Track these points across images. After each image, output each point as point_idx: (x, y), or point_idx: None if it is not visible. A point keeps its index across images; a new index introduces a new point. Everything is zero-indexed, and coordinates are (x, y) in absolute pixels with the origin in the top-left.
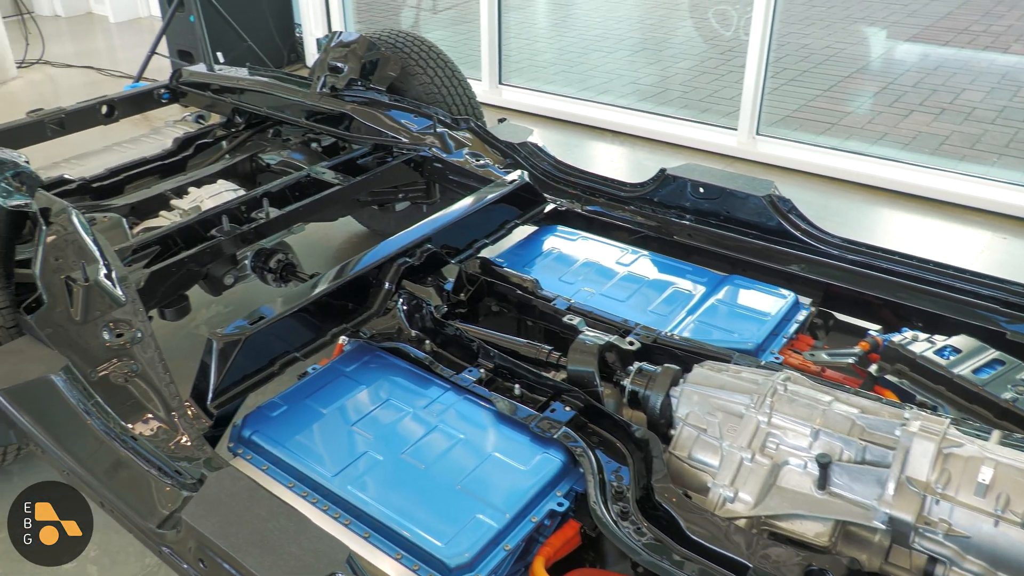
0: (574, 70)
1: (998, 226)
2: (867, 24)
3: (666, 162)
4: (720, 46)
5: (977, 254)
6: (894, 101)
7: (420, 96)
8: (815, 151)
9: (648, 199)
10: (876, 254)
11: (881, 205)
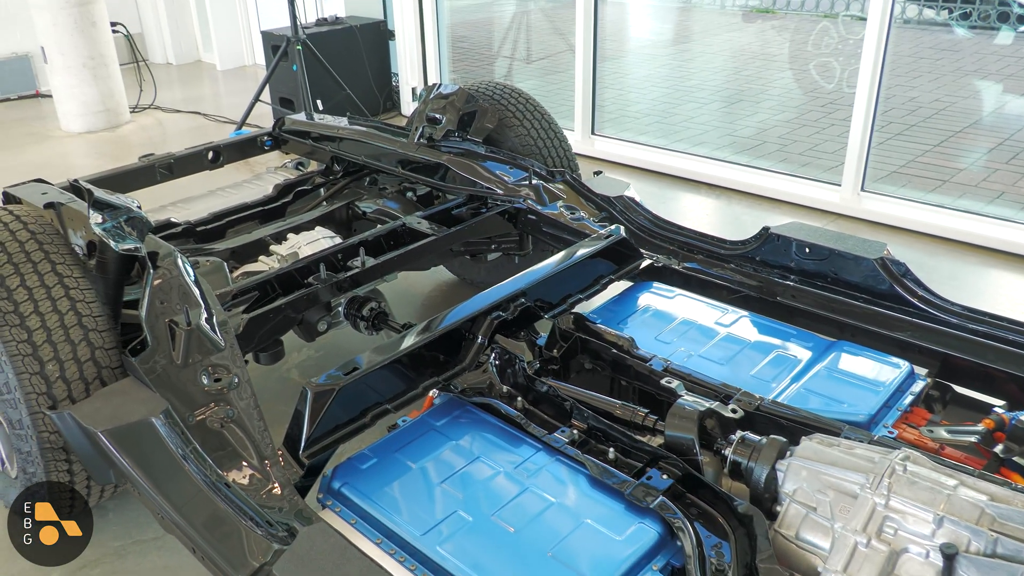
0: (668, 121)
1: None
2: (979, 77)
3: (764, 217)
4: (821, 99)
5: None
6: (1011, 158)
7: (516, 148)
8: (925, 209)
9: (750, 258)
10: (1000, 324)
11: (998, 268)
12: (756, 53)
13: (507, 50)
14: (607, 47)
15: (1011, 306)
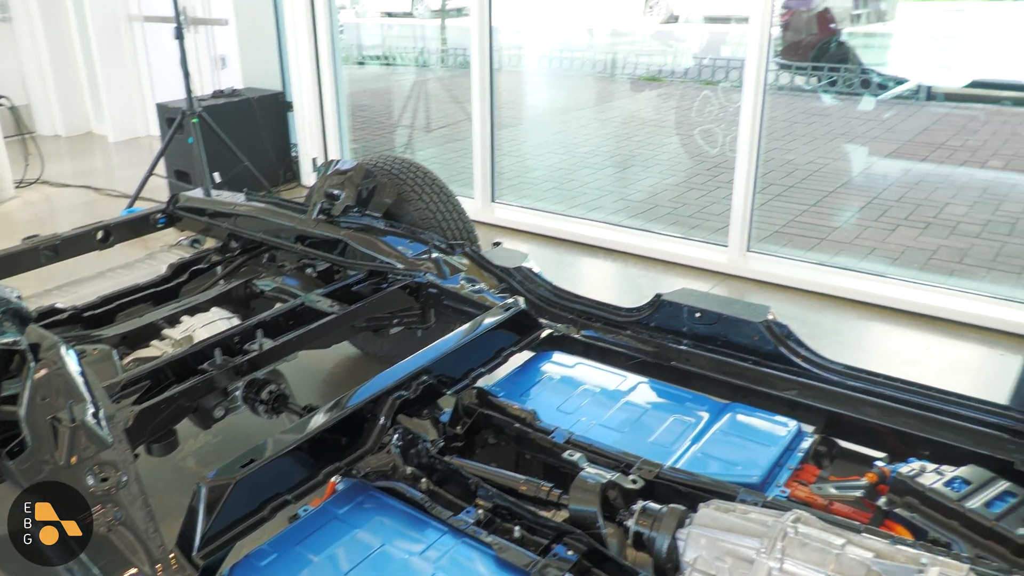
0: (565, 187)
1: (993, 342)
2: (847, 140)
3: (658, 279)
4: (707, 163)
5: (976, 371)
6: (880, 216)
7: (416, 222)
8: (806, 267)
9: (644, 324)
10: (878, 380)
11: (875, 321)
12: (645, 120)
13: (407, 119)
14: (505, 115)
15: (888, 356)
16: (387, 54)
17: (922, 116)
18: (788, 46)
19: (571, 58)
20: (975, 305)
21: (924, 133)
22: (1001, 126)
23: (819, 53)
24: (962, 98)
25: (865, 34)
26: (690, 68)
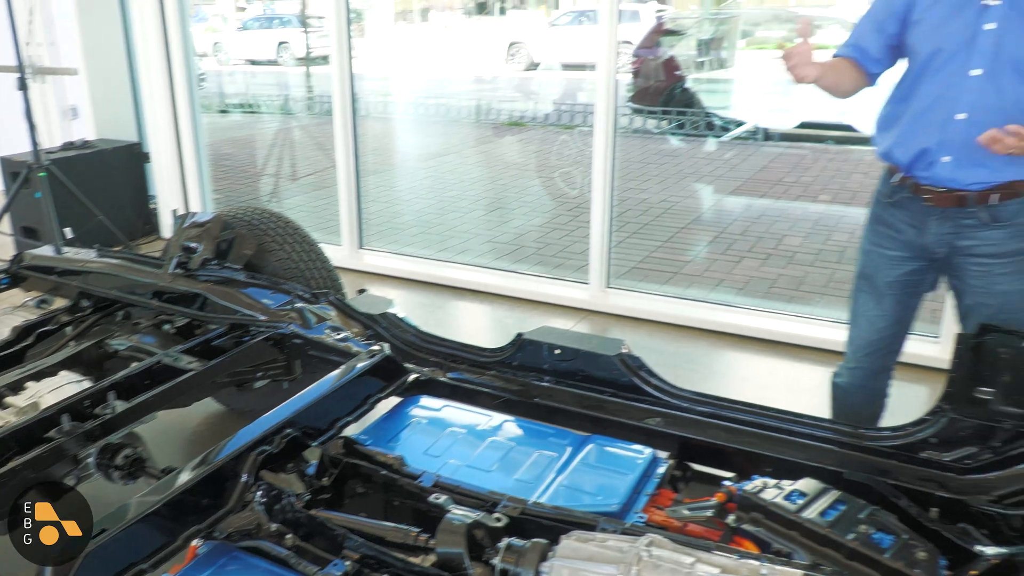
0: (433, 231)
1: (829, 362)
2: (695, 179)
3: (524, 318)
4: (568, 204)
5: (815, 389)
6: (726, 249)
7: (278, 272)
8: (661, 300)
9: (508, 363)
10: (724, 404)
11: (726, 348)
12: (510, 164)
13: (272, 167)
14: (373, 161)
15: (739, 381)
16: (251, 102)
17: (760, 155)
18: (639, 92)
19: (437, 105)
20: (812, 328)
21: (762, 171)
22: (828, 163)
23: (667, 98)
24: (794, 138)
25: (708, 80)
26: (550, 113)
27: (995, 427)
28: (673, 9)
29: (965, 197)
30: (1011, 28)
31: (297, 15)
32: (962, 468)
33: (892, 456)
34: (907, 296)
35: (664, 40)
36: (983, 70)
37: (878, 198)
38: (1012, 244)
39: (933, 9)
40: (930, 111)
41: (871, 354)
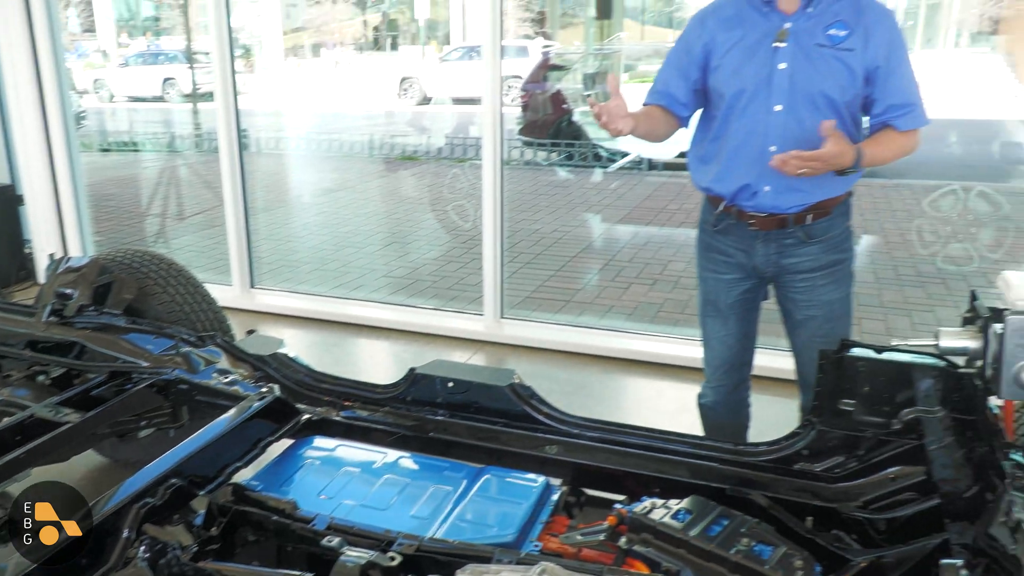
0: (327, 268)
1: None
2: (585, 209)
3: (422, 352)
4: (462, 236)
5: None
6: (615, 276)
7: (161, 316)
8: (555, 328)
9: (402, 399)
10: (612, 428)
11: (617, 373)
12: (403, 197)
13: (158, 207)
14: (263, 198)
15: (629, 404)
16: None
17: (644, 185)
18: (528, 125)
19: (331, 140)
20: (696, 350)
21: (647, 199)
22: None
23: (555, 131)
24: (675, 167)
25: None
26: (442, 147)
27: (859, 436)
28: (559, 45)
29: (785, 219)
30: (800, 66)
31: (183, 51)
32: (832, 477)
33: (769, 470)
34: (748, 312)
35: (551, 75)
36: (783, 106)
37: (704, 227)
38: (827, 257)
39: (730, 54)
40: (745, 146)
41: (728, 371)
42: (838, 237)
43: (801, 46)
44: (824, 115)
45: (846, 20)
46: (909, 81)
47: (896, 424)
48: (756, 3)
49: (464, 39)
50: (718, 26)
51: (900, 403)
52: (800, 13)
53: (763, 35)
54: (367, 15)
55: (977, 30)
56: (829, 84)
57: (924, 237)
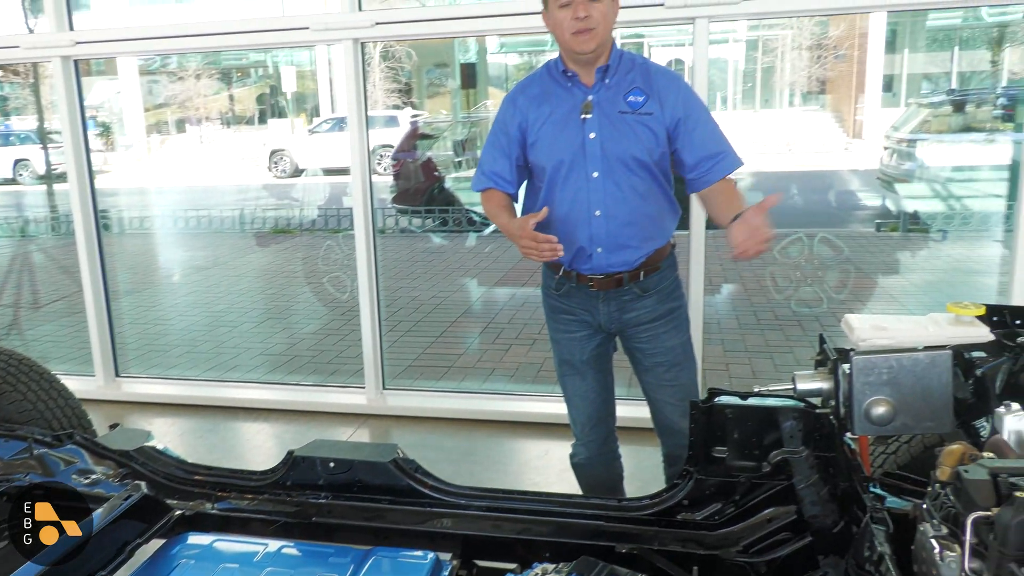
0: (200, 350)
1: None
2: (462, 274)
3: (304, 432)
4: (340, 308)
5: None
6: (495, 338)
7: (12, 417)
8: (438, 396)
9: (282, 484)
10: (500, 496)
11: (502, 436)
12: (278, 271)
13: (9, 297)
14: (128, 280)
15: (517, 467)
16: None
17: (516, 247)
18: (401, 193)
19: (199, 217)
20: None
21: (521, 261)
22: None
23: (428, 198)
24: None
25: (466, 179)
26: (315, 219)
27: (734, 482)
28: (427, 113)
29: (621, 278)
30: (608, 134)
31: (35, 131)
32: (712, 524)
33: (653, 523)
34: (603, 365)
35: (421, 143)
36: (599, 172)
37: (548, 292)
38: (663, 307)
39: (544, 129)
40: (572, 213)
41: (595, 426)
42: (670, 287)
43: (606, 115)
44: (638, 176)
45: (640, 87)
46: (713, 131)
47: (766, 467)
48: (559, 80)
49: (333, 111)
50: (528, 104)
51: (768, 446)
52: (599, 85)
53: (570, 108)
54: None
55: (807, 90)
56: (637, 147)
57: (778, 282)
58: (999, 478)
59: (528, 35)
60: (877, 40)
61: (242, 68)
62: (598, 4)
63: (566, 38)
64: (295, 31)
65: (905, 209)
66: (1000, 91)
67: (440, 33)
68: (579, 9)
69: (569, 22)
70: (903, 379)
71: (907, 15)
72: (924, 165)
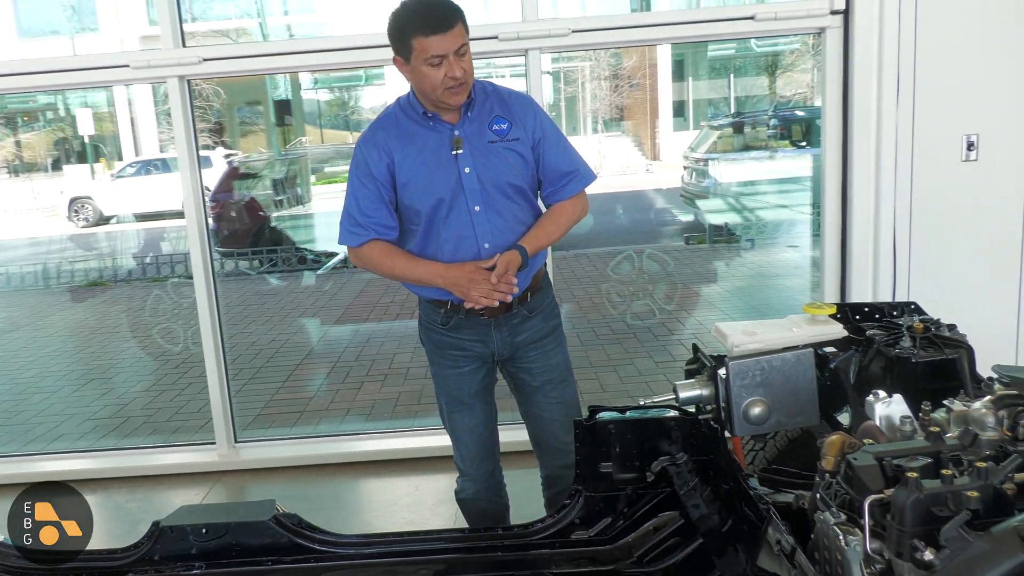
0: (12, 423)
1: None
2: (300, 314)
3: (152, 499)
4: (173, 361)
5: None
6: (345, 377)
7: None
8: (294, 444)
9: (148, 559)
10: (388, 540)
11: (367, 477)
12: (96, 327)
13: None
14: None
15: (387, 506)
16: None
17: (356, 282)
18: (226, 236)
19: None
20: (441, 438)
21: (360, 296)
22: None
23: (256, 239)
24: None
25: (291, 217)
26: (134, 268)
27: (619, 495)
28: (241, 152)
29: (510, 304)
30: (482, 164)
31: None
32: (605, 540)
33: (547, 545)
34: (489, 397)
35: (240, 183)
36: (480, 205)
37: (432, 327)
38: (547, 324)
39: (415, 170)
40: (461, 248)
41: (482, 460)
42: (549, 305)
43: (476, 147)
44: (516, 203)
45: (501, 114)
46: (565, 148)
47: (650, 476)
48: (420, 120)
49: (137, 153)
50: (391, 144)
51: (650, 456)
52: (463, 120)
53: (438, 145)
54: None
55: (609, 117)
56: (511, 173)
57: (612, 299)
58: (884, 462)
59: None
60: (665, 70)
61: (29, 112)
62: (465, 57)
63: (437, 94)
64: (113, 69)
65: (708, 222)
66: (771, 113)
67: (271, 69)
68: (455, 69)
69: (442, 79)
70: (774, 379)
71: (689, 47)
72: (718, 181)
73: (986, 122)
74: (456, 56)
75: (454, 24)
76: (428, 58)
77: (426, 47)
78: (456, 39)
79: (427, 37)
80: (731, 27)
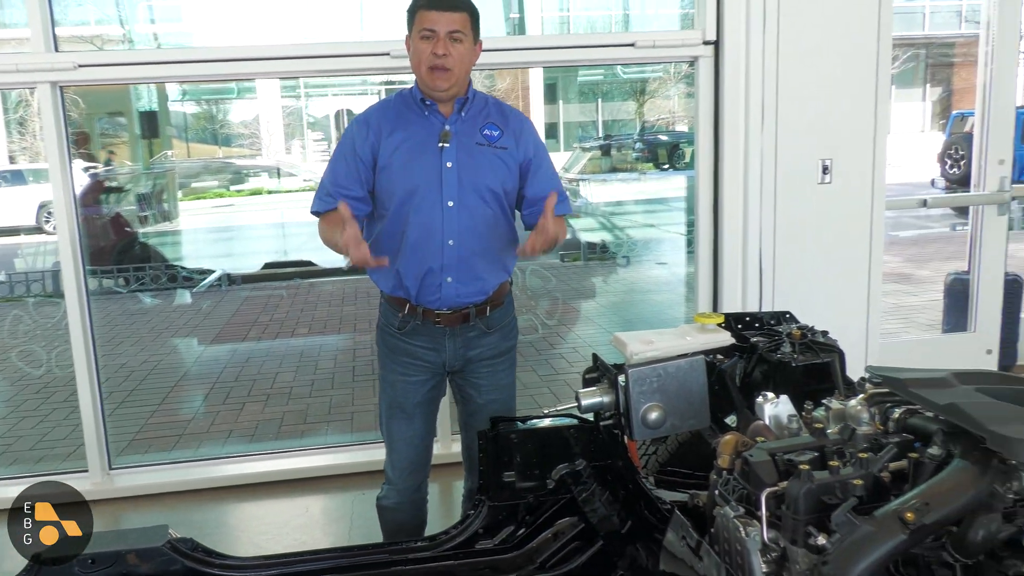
0: None
1: (352, 485)
2: (173, 334)
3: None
4: (35, 385)
5: (352, 515)
6: (226, 398)
7: None
8: (173, 469)
9: None
10: (296, 560)
11: (253, 500)
12: None
13: None
14: None
15: (276, 528)
16: None
17: (231, 300)
18: (91, 253)
19: None
20: (328, 457)
21: (237, 315)
22: (297, 298)
23: (122, 256)
24: (259, 279)
25: (159, 233)
26: None
27: (521, 503)
28: (102, 166)
29: (468, 314)
30: (465, 163)
31: None
32: (508, 548)
33: (453, 556)
34: (432, 410)
35: (104, 197)
36: (454, 201)
37: (388, 331)
38: (504, 344)
39: (397, 155)
40: (425, 240)
41: (413, 472)
42: (509, 325)
43: (463, 146)
44: (490, 207)
45: (496, 122)
46: (554, 174)
47: (550, 483)
48: (416, 107)
49: None
50: (382, 127)
51: (551, 464)
52: (456, 116)
53: (427, 136)
54: None
55: None
56: (492, 179)
57: None
58: (777, 457)
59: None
60: (537, 92)
61: None
62: (458, 45)
63: (422, 71)
64: None
65: (582, 240)
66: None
67: (155, 77)
68: (439, 46)
69: (427, 55)
70: (669, 385)
71: (560, 71)
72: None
73: (838, 148)
74: (447, 38)
75: (456, 9)
76: (421, 30)
77: (423, 19)
78: (452, 22)
79: (427, 11)
80: (613, 53)
